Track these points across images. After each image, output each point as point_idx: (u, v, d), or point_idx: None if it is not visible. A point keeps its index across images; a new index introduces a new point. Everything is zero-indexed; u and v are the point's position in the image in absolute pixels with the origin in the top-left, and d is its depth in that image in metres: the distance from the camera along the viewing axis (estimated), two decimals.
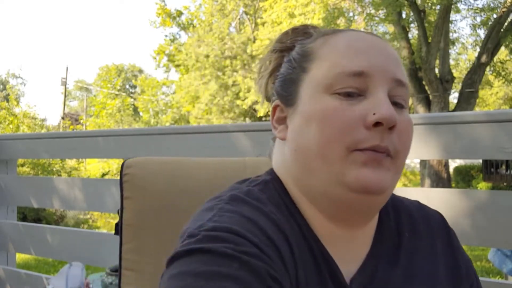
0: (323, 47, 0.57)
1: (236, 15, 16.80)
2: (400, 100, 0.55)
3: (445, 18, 9.78)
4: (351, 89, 0.52)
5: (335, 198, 0.52)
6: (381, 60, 0.54)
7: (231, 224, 0.46)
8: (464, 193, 1.18)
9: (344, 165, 0.50)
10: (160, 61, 18.89)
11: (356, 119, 0.51)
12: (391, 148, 0.51)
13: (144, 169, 0.96)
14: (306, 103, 0.55)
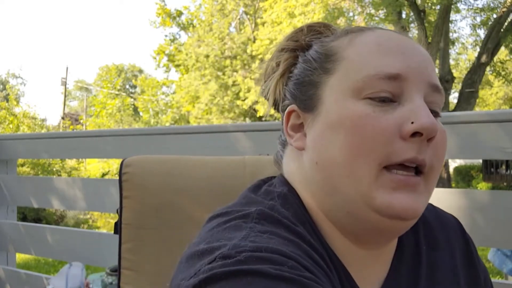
0: (349, 46, 0.51)
1: (236, 15, 16.80)
2: (436, 108, 0.49)
3: (445, 18, 9.78)
4: (385, 93, 0.46)
5: (362, 221, 0.47)
6: (417, 62, 0.48)
7: (275, 245, 0.40)
8: (464, 193, 1.18)
9: (375, 186, 0.45)
10: (160, 61, 18.89)
11: (392, 128, 0.45)
12: (428, 162, 0.46)
13: (143, 168, 0.96)
14: (330, 109, 0.49)
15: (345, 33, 0.53)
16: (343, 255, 0.49)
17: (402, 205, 0.44)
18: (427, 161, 0.45)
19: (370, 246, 0.50)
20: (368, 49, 0.49)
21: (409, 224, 0.48)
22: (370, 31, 0.51)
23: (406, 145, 0.45)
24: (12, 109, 10.42)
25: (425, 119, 0.44)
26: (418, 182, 0.45)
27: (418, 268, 0.54)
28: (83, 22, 79.07)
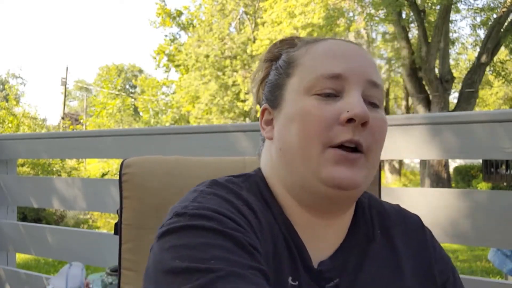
0: (305, 54, 0.62)
1: (236, 15, 16.80)
2: (375, 100, 0.59)
3: (445, 18, 9.78)
4: (329, 90, 0.57)
5: (313, 191, 0.58)
6: (356, 63, 0.59)
7: (213, 205, 0.53)
8: (464, 193, 1.18)
9: (320, 162, 0.55)
10: (160, 61, 18.88)
11: (332, 116, 0.56)
12: (363, 143, 0.55)
13: (143, 168, 0.96)
14: (289, 105, 0.60)
15: (305, 43, 0.64)
16: (300, 224, 0.60)
17: (341, 176, 0.54)
18: (363, 142, 0.55)
19: (324, 216, 0.60)
20: (318, 55, 0.61)
21: (351, 194, 0.58)
22: (323, 41, 0.63)
23: (343, 129, 0.55)
24: (12, 109, 10.41)
25: (358, 109, 0.54)
26: (358, 158, 0.55)
27: (370, 244, 0.62)
28: (83, 22, 79.05)
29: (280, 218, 0.60)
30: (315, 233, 0.60)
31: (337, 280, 0.58)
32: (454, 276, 0.66)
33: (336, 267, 0.59)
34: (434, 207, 1.18)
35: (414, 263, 0.63)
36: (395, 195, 1.23)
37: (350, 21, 13.11)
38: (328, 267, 0.59)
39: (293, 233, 0.59)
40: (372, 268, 0.60)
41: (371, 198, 0.69)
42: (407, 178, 15.85)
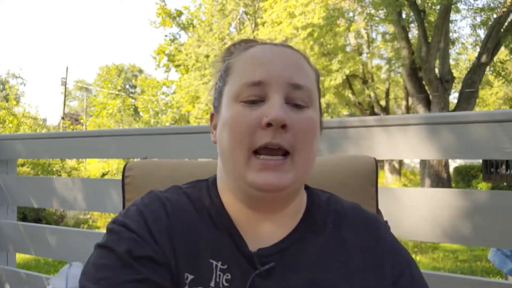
0: (236, 62, 0.67)
1: (236, 15, 16.80)
2: (299, 101, 0.63)
3: (445, 18, 9.78)
4: (253, 97, 0.62)
5: (244, 192, 0.64)
6: (277, 68, 0.63)
7: (128, 218, 0.63)
8: (464, 193, 1.18)
9: (246, 168, 0.61)
10: (160, 61, 18.87)
11: (255, 122, 0.60)
12: (285, 144, 0.60)
13: (146, 171, 0.97)
14: (223, 111, 0.65)
15: (239, 51, 0.69)
16: (240, 219, 0.66)
17: (263, 182, 0.59)
18: (284, 144, 0.60)
19: (262, 212, 0.66)
20: (244, 64, 0.65)
21: (279, 195, 0.62)
22: (252, 48, 0.67)
23: (264, 133, 0.59)
24: (12, 109, 10.40)
25: (274, 114, 0.59)
26: (280, 163, 0.60)
27: (317, 237, 0.66)
28: (83, 22, 79.06)
29: (221, 214, 0.66)
30: (255, 226, 0.66)
31: (272, 264, 0.62)
32: (412, 271, 0.67)
33: (274, 253, 0.63)
34: (434, 207, 1.18)
35: (363, 258, 0.65)
36: (395, 195, 1.23)
37: (350, 21, 13.11)
38: (264, 253, 0.63)
39: (230, 226, 0.65)
40: (313, 257, 0.64)
41: (331, 197, 0.73)
42: (407, 178, 15.85)
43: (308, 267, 0.63)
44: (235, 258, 0.63)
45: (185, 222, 0.64)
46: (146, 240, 0.60)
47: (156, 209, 0.65)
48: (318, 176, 0.95)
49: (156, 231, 0.62)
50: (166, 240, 0.62)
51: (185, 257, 0.62)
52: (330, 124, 1.33)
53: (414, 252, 5.45)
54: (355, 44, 14.82)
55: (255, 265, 0.62)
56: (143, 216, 0.63)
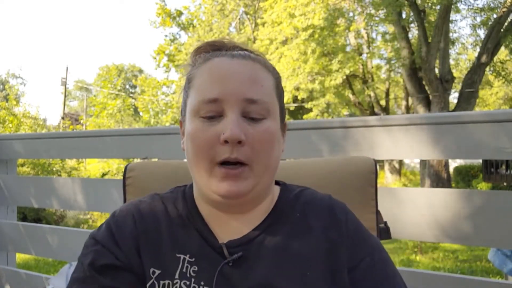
0: (196, 76, 0.71)
1: (236, 15, 16.79)
2: (255, 115, 0.67)
3: (445, 18, 9.77)
4: (211, 113, 0.66)
5: (211, 198, 0.69)
6: (232, 86, 0.66)
7: (101, 232, 0.71)
8: (464, 193, 1.18)
9: (209, 178, 0.66)
10: (160, 61, 18.87)
11: (213, 138, 0.65)
12: (242, 158, 0.65)
13: (147, 172, 0.97)
14: (187, 124, 0.70)
15: (198, 63, 0.72)
16: (211, 217, 0.72)
17: (227, 190, 0.65)
18: (242, 157, 0.65)
19: (234, 212, 0.71)
20: (202, 79, 0.69)
21: (244, 200, 0.68)
22: (209, 62, 0.70)
23: (222, 149, 0.65)
24: (12, 109, 10.40)
25: (228, 132, 0.63)
26: (239, 172, 0.65)
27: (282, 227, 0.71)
28: (83, 22, 79.01)
29: (193, 214, 0.72)
30: (226, 224, 0.71)
31: (240, 253, 0.67)
32: (373, 259, 0.68)
33: (242, 244, 0.68)
34: (434, 207, 1.18)
35: (327, 245, 0.68)
36: (395, 195, 1.23)
37: (350, 21, 13.10)
38: (232, 244, 0.68)
39: (201, 224, 0.71)
40: (279, 244, 0.68)
41: (304, 190, 0.77)
42: (407, 178, 15.84)
43: (274, 254, 0.67)
44: (204, 251, 0.68)
45: (152, 224, 0.71)
46: (110, 248, 0.68)
47: (124, 215, 0.72)
48: (317, 177, 0.95)
49: (119, 237, 0.69)
50: (130, 243, 0.69)
51: (152, 255, 0.68)
52: (331, 124, 1.33)
53: (414, 252, 5.45)
54: (355, 44, 14.81)
55: (224, 256, 0.67)
56: (109, 227, 0.71)
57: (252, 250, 0.68)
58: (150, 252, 0.69)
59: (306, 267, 0.66)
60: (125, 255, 0.68)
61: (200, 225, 0.71)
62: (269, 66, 0.73)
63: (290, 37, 13.21)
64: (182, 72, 0.78)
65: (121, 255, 0.68)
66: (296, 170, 0.96)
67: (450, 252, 5.41)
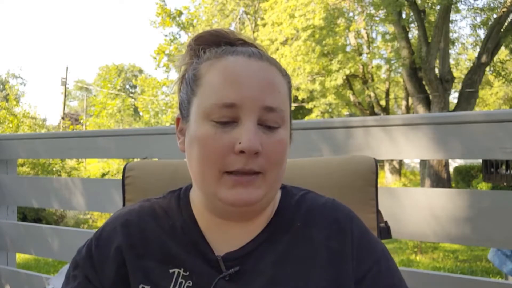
0: (207, 73, 0.64)
1: (236, 15, 16.79)
2: (272, 123, 0.62)
3: (445, 18, 9.78)
4: (225, 118, 0.61)
5: (216, 206, 0.65)
6: (251, 91, 0.61)
7: (88, 243, 0.70)
8: (464, 193, 1.18)
9: (218, 186, 0.61)
10: (160, 61, 18.86)
11: (227, 146, 0.60)
12: (257, 169, 0.60)
13: (146, 171, 0.97)
14: (192, 125, 0.64)
15: (208, 58, 0.66)
16: (208, 227, 0.68)
17: (234, 198, 0.60)
18: (256, 168, 0.60)
19: (235, 220, 0.67)
20: (216, 81, 0.62)
21: (251, 209, 0.64)
22: (224, 60, 0.64)
23: (236, 159, 0.60)
24: (12, 109, 10.40)
25: (246, 143, 0.58)
26: (252, 179, 0.61)
27: (283, 236, 0.67)
28: (83, 22, 79.03)
29: (188, 224, 0.69)
30: (224, 233, 0.67)
31: (237, 268, 0.64)
32: (380, 269, 0.66)
33: (240, 256, 0.65)
34: (435, 207, 1.18)
35: (328, 254, 0.65)
36: (395, 195, 1.23)
37: (350, 21, 13.10)
38: (230, 257, 0.65)
39: (197, 235, 0.67)
40: (277, 257, 0.65)
41: (306, 195, 0.73)
42: (407, 178, 15.85)
43: (272, 268, 0.64)
44: (199, 265, 0.65)
45: (140, 237, 0.68)
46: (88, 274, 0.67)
47: (108, 231, 0.70)
48: (318, 177, 0.94)
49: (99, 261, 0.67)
50: (112, 265, 0.66)
51: (140, 270, 0.65)
52: (332, 124, 1.33)
53: (414, 252, 5.45)
54: (355, 44, 14.81)
55: (220, 270, 0.64)
56: (90, 249, 0.69)
57: (250, 264, 0.64)
58: (139, 267, 0.65)
59: (306, 281, 0.63)
60: (104, 280, 0.66)
61: (196, 236, 0.67)
62: (282, 69, 0.69)
63: (291, 38, 13.21)
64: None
65: (98, 281, 0.66)
66: (296, 170, 0.96)
67: (450, 252, 5.41)
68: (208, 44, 0.69)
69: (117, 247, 0.67)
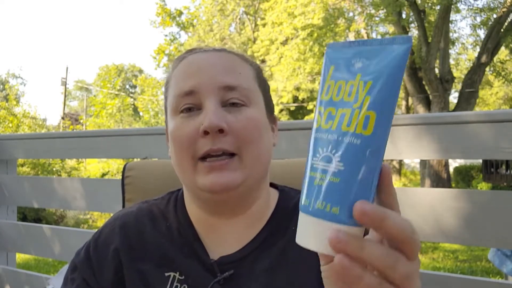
0: (172, 77, 0.68)
1: (237, 15, 16.79)
2: (236, 101, 0.63)
3: (445, 18, 9.78)
4: (188, 105, 0.63)
5: (199, 196, 0.65)
6: (207, 75, 0.63)
7: (86, 246, 0.71)
8: (464, 193, 1.18)
9: (194, 174, 0.62)
10: (160, 61, 18.86)
11: (193, 132, 0.61)
12: (227, 147, 0.60)
13: (145, 171, 0.97)
14: (169, 125, 0.67)
15: (174, 65, 0.70)
16: (202, 226, 0.68)
17: (211, 183, 0.60)
18: (227, 147, 0.60)
19: (226, 215, 0.67)
20: (177, 77, 0.67)
21: (232, 194, 0.62)
22: (183, 60, 0.68)
23: (204, 141, 0.60)
24: (12, 109, 10.40)
25: (207, 122, 0.59)
26: (225, 163, 0.60)
27: (278, 240, 0.67)
28: (83, 22, 79.03)
29: (184, 226, 0.69)
30: (219, 233, 0.68)
31: (231, 271, 0.63)
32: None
33: (235, 260, 0.65)
34: (434, 207, 1.18)
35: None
36: None
37: (350, 21, 13.10)
38: (225, 260, 0.65)
39: (192, 237, 0.68)
40: (272, 262, 0.64)
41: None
42: (407, 178, 15.84)
43: (267, 272, 0.63)
44: (194, 268, 0.65)
45: (137, 239, 0.68)
46: (86, 278, 0.67)
47: (106, 233, 0.70)
48: None
49: (97, 264, 0.68)
50: (109, 268, 0.67)
51: (136, 273, 0.65)
52: None
53: None
54: None
55: (215, 273, 0.64)
56: (88, 251, 0.70)
57: (245, 268, 0.64)
58: (135, 270, 0.66)
59: (301, 285, 0.63)
60: (102, 283, 0.67)
61: (191, 239, 0.68)
62: (247, 58, 0.70)
63: (290, 37, 13.21)
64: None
65: (96, 283, 0.67)
66: (296, 170, 0.96)
67: (450, 252, 5.41)
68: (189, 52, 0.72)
69: (115, 249, 0.67)
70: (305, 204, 0.39)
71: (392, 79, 0.38)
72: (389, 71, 0.37)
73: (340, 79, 0.39)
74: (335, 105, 0.39)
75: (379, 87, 0.37)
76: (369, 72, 0.38)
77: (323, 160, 0.38)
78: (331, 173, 0.37)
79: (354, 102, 0.38)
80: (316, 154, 0.39)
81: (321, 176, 0.38)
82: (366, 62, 0.39)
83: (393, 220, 0.35)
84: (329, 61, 0.41)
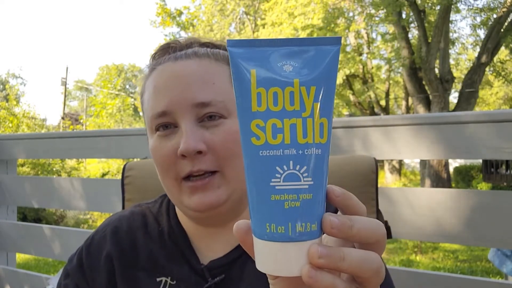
0: (145, 89, 0.65)
1: (237, 15, 16.79)
2: (213, 114, 0.61)
3: (445, 18, 9.78)
4: (165, 124, 0.62)
5: (186, 213, 0.65)
6: (178, 93, 0.60)
7: (79, 250, 0.71)
8: (464, 193, 1.18)
9: (180, 194, 0.62)
10: None
11: (171, 153, 0.60)
12: (207, 167, 0.59)
13: (145, 171, 0.97)
14: (148, 142, 0.66)
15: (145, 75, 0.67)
16: (192, 233, 0.68)
17: (196, 204, 0.60)
18: (207, 167, 0.59)
19: (215, 226, 0.66)
20: (149, 94, 0.64)
21: (220, 210, 0.62)
22: (154, 72, 0.64)
23: (184, 163, 0.60)
24: (12, 109, 10.40)
25: (183, 146, 0.58)
26: (207, 182, 0.60)
27: None
28: (83, 22, 79.04)
29: (175, 231, 0.68)
30: (209, 240, 0.67)
31: (222, 276, 0.63)
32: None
33: (224, 264, 0.64)
34: (434, 207, 1.18)
35: None
36: (395, 195, 1.23)
37: (350, 21, 13.10)
38: (214, 265, 0.64)
39: (183, 242, 0.67)
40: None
41: None
42: (407, 178, 15.84)
43: (258, 275, 0.62)
44: (186, 274, 0.64)
45: (129, 244, 0.68)
46: (79, 284, 0.68)
47: (98, 239, 0.70)
48: None
49: (89, 270, 0.68)
50: (101, 273, 0.67)
51: (128, 278, 0.65)
52: (332, 124, 1.33)
53: (414, 252, 5.45)
54: (355, 44, 14.82)
55: (206, 278, 0.63)
56: (80, 257, 0.70)
57: (235, 271, 0.64)
58: (127, 275, 0.66)
59: None
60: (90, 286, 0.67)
61: (182, 244, 0.67)
62: (222, 55, 0.65)
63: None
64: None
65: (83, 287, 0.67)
66: None
67: (450, 252, 5.41)
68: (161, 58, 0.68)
69: (107, 255, 0.67)
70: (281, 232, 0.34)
71: (332, 82, 0.36)
72: (327, 74, 0.35)
73: (272, 85, 0.34)
74: (277, 116, 0.34)
75: (323, 92, 0.35)
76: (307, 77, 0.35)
77: (289, 180, 0.35)
78: (303, 190, 0.35)
79: (302, 111, 0.34)
80: (274, 174, 0.35)
81: (292, 197, 0.34)
82: (298, 65, 0.35)
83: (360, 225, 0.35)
84: (244, 62, 0.35)
